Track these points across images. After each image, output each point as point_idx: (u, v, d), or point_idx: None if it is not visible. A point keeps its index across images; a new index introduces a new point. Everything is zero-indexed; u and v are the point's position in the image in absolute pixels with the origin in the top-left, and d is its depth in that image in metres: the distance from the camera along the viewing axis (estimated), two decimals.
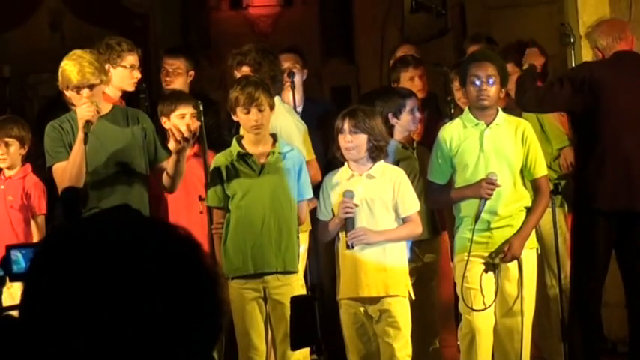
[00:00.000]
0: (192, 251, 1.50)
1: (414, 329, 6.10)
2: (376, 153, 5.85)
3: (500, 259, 5.91)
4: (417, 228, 5.93)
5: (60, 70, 5.75)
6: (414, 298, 5.93)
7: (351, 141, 5.79)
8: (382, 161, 5.90)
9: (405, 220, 5.87)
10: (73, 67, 5.71)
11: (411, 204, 5.88)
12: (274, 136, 5.89)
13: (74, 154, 5.69)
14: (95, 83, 5.71)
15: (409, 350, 5.81)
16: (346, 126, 5.79)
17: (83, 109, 5.64)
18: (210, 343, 1.50)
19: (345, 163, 5.90)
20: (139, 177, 5.84)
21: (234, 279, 5.77)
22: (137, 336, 1.42)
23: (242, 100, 5.73)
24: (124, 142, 5.83)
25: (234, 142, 5.87)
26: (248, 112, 5.74)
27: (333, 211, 5.87)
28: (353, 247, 5.74)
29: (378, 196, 5.83)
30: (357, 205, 5.75)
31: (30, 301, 1.47)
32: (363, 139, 5.80)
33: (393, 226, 5.85)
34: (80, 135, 5.64)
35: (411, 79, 7.34)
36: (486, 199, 5.82)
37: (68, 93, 5.75)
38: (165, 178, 5.83)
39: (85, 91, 5.68)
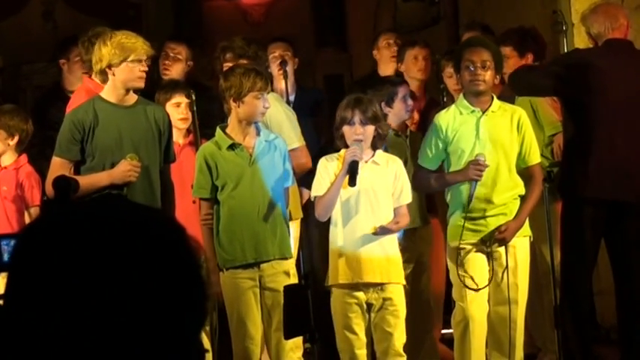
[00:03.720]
0: (175, 235, 1.51)
1: (410, 319, 6.11)
2: (379, 141, 5.83)
3: (493, 240, 5.91)
4: (407, 219, 5.92)
5: (115, 43, 5.65)
6: (408, 287, 5.92)
7: (362, 132, 5.74)
8: (380, 149, 5.88)
9: (396, 210, 5.85)
10: (134, 39, 5.70)
11: (408, 195, 5.88)
12: (257, 125, 5.88)
13: None
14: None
15: (404, 339, 5.81)
16: (356, 117, 5.73)
17: None
18: (196, 326, 1.50)
19: (343, 150, 5.79)
20: (151, 171, 5.83)
21: (228, 269, 5.76)
22: (121, 320, 1.42)
23: (257, 87, 5.71)
24: (141, 136, 5.82)
25: (218, 132, 5.84)
26: (261, 99, 5.74)
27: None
28: (355, 184, 5.61)
29: (383, 182, 5.81)
30: (361, 159, 5.67)
31: (12, 289, 1.47)
32: (371, 129, 5.75)
33: (392, 213, 5.81)
34: None
35: (415, 58, 7.42)
36: (476, 182, 5.81)
37: (121, 67, 5.67)
38: None
39: (144, 65, 5.72)
